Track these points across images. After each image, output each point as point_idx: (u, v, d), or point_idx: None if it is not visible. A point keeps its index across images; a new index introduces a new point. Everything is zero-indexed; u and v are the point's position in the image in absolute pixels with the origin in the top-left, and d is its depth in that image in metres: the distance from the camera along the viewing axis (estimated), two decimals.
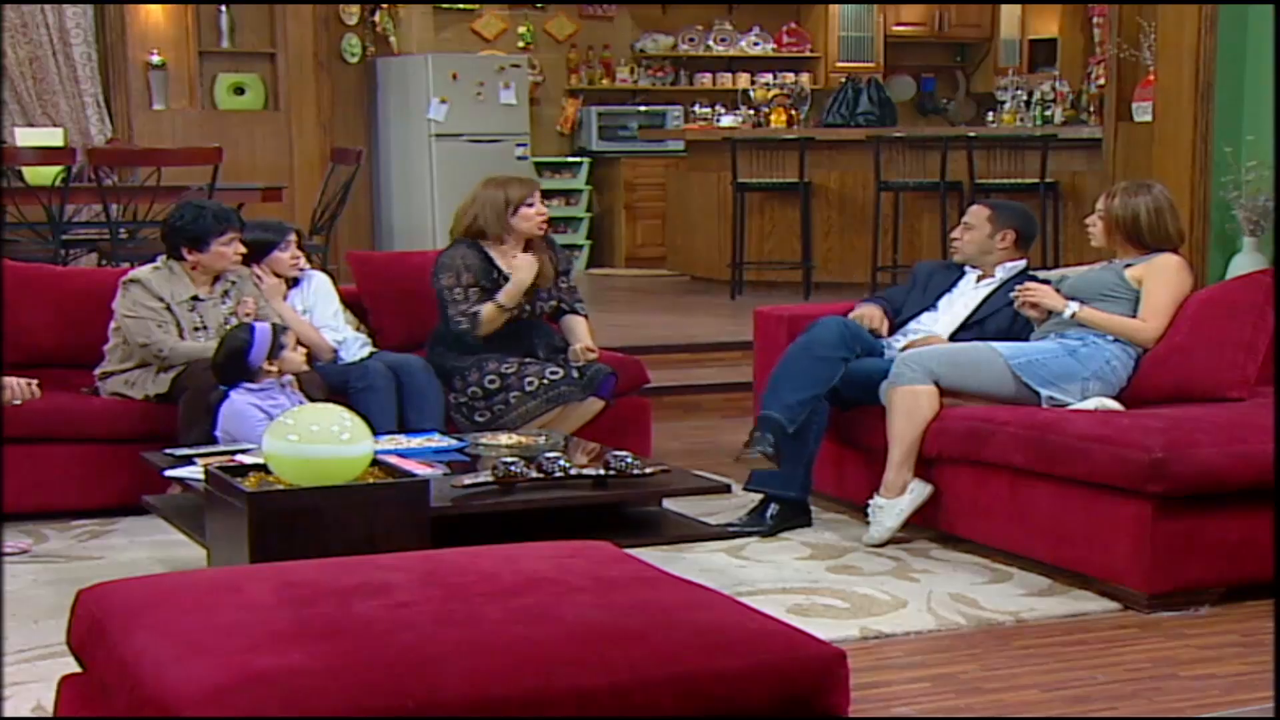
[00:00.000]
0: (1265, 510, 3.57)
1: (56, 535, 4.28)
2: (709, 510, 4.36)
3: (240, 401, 4.15)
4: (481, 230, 4.78)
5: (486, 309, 4.68)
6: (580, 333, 4.85)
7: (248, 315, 4.54)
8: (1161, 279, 4.14)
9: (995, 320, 4.48)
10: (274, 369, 4.23)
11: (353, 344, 4.82)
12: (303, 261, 4.85)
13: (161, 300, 4.47)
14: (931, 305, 4.64)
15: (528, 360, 4.66)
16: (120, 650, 2.12)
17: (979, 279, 4.63)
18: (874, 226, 8.47)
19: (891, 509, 4.09)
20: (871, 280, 8.37)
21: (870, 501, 4.14)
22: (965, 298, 4.60)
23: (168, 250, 4.57)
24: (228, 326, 4.52)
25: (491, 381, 4.59)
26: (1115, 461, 3.55)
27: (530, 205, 4.78)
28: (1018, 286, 4.34)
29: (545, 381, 4.58)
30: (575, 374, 4.64)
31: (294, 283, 4.83)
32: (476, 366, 4.64)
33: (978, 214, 4.67)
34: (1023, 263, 4.64)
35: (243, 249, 4.60)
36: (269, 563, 2.75)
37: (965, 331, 4.50)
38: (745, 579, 3.80)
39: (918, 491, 4.09)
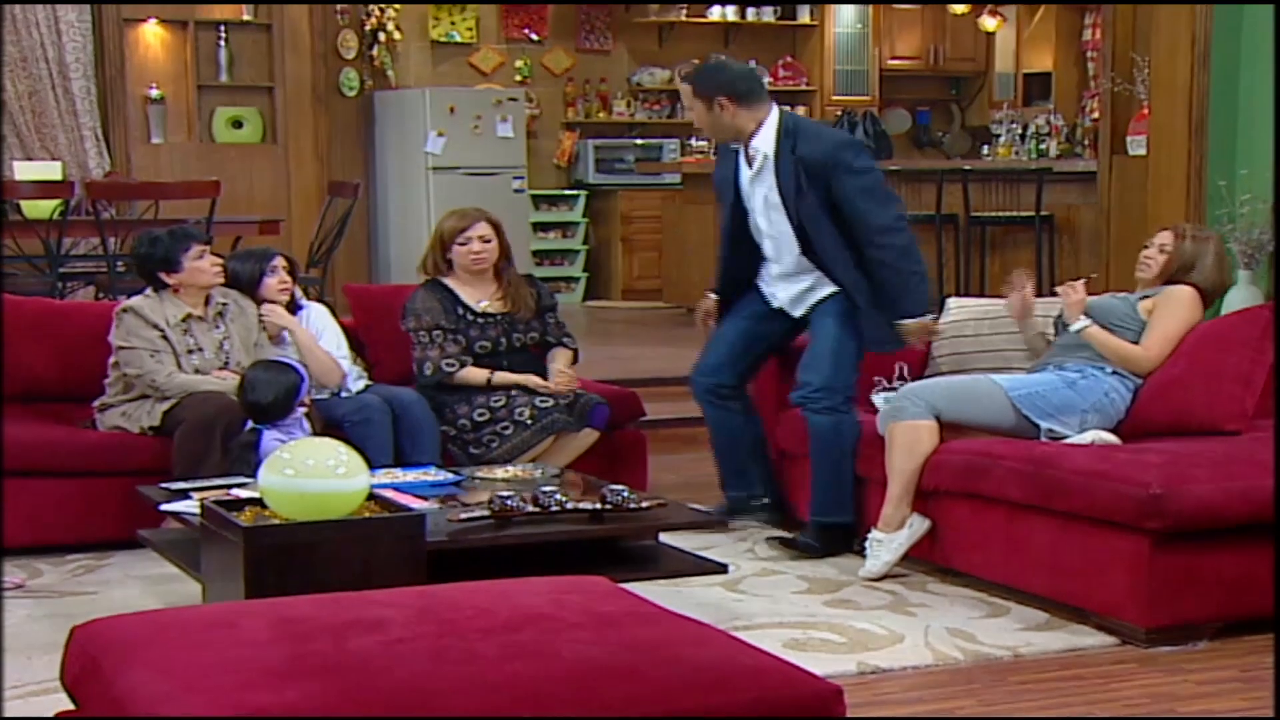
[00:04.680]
0: (1263, 546, 3.56)
1: (51, 570, 4.27)
2: (705, 544, 4.35)
3: (274, 444, 4.14)
4: (436, 267, 4.78)
5: (469, 372, 4.64)
6: (561, 361, 4.80)
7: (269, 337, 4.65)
8: (1171, 309, 4.15)
9: (807, 207, 4.20)
10: (306, 404, 4.26)
11: (350, 375, 4.83)
12: (292, 286, 4.85)
13: (156, 327, 4.48)
14: (743, 230, 4.42)
15: (515, 392, 4.64)
16: (114, 688, 2.12)
17: (746, 158, 4.32)
18: None
19: (890, 543, 4.08)
20: None
21: (868, 535, 4.14)
22: (760, 188, 4.33)
23: (146, 282, 4.61)
24: (225, 351, 4.53)
25: (481, 414, 4.58)
26: (1113, 497, 3.55)
27: (464, 243, 4.70)
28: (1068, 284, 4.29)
29: (536, 410, 4.57)
30: (564, 404, 4.62)
31: (292, 313, 4.84)
32: (465, 400, 4.62)
33: (685, 92, 4.44)
34: (774, 113, 4.29)
35: (219, 261, 4.64)
36: (264, 598, 2.75)
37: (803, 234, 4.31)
38: (742, 613, 3.79)
39: (916, 526, 4.09)
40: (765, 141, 4.31)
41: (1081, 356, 4.18)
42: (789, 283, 4.48)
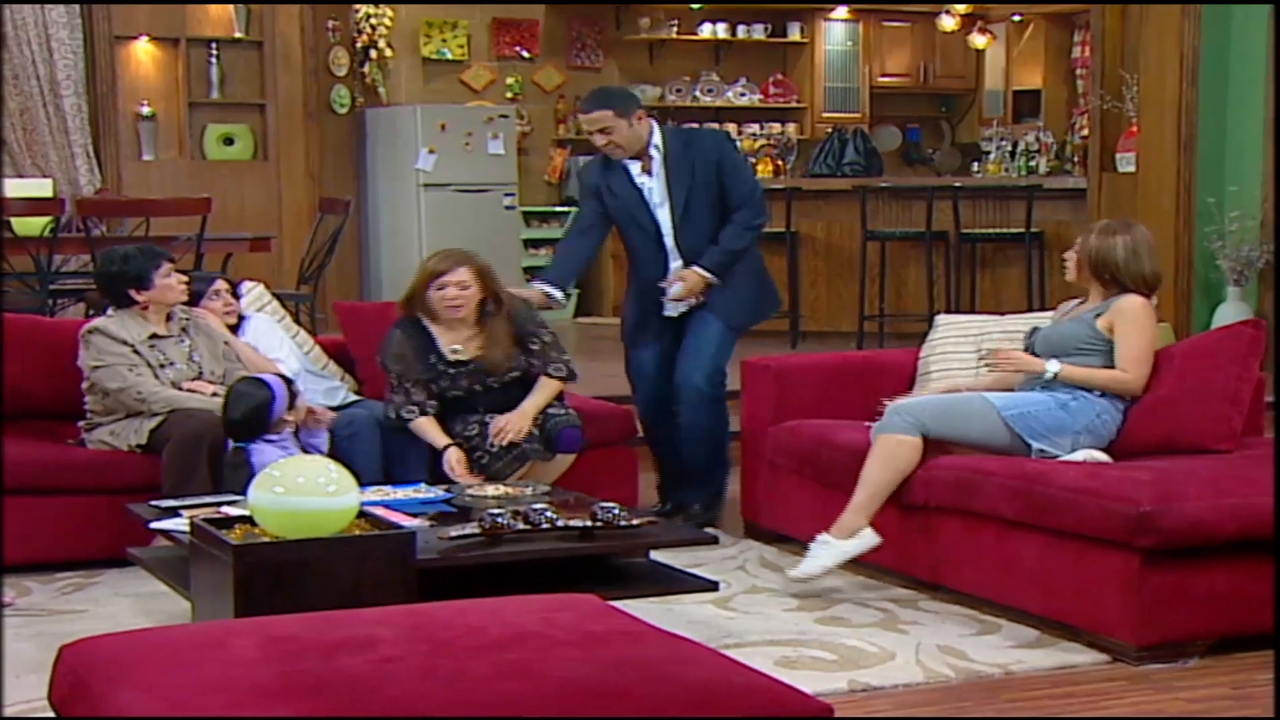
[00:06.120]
0: (1254, 563, 3.57)
1: (39, 588, 4.25)
2: (696, 561, 4.35)
3: (272, 454, 4.14)
4: (418, 304, 4.56)
5: (420, 424, 4.47)
6: (531, 400, 4.55)
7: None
8: (1132, 326, 4.10)
9: (701, 199, 4.82)
10: (291, 419, 4.24)
11: (308, 379, 4.83)
12: (237, 308, 4.90)
13: (126, 344, 4.48)
14: (653, 228, 4.90)
15: (489, 420, 4.52)
16: (103, 708, 2.11)
17: (643, 168, 4.90)
18: (860, 276, 8.51)
19: (835, 548, 4.05)
20: (859, 329, 8.39)
21: (818, 537, 4.12)
22: (658, 187, 4.89)
23: (113, 301, 4.61)
24: (195, 362, 4.54)
25: (458, 444, 4.52)
26: (1103, 514, 3.55)
27: (441, 288, 4.49)
28: (994, 351, 4.32)
29: (506, 441, 4.47)
30: (535, 430, 4.50)
31: (234, 328, 4.88)
32: (443, 427, 4.57)
33: (603, 117, 4.81)
34: (654, 128, 4.87)
35: (185, 279, 4.66)
36: (254, 617, 2.74)
37: (686, 217, 4.86)
38: (733, 630, 3.78)
39: (866, 540, 4.06)
40: (659, 143, 4.92)
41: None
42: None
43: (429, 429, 4.50)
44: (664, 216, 4.91)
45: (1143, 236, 4.18)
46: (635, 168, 4.91)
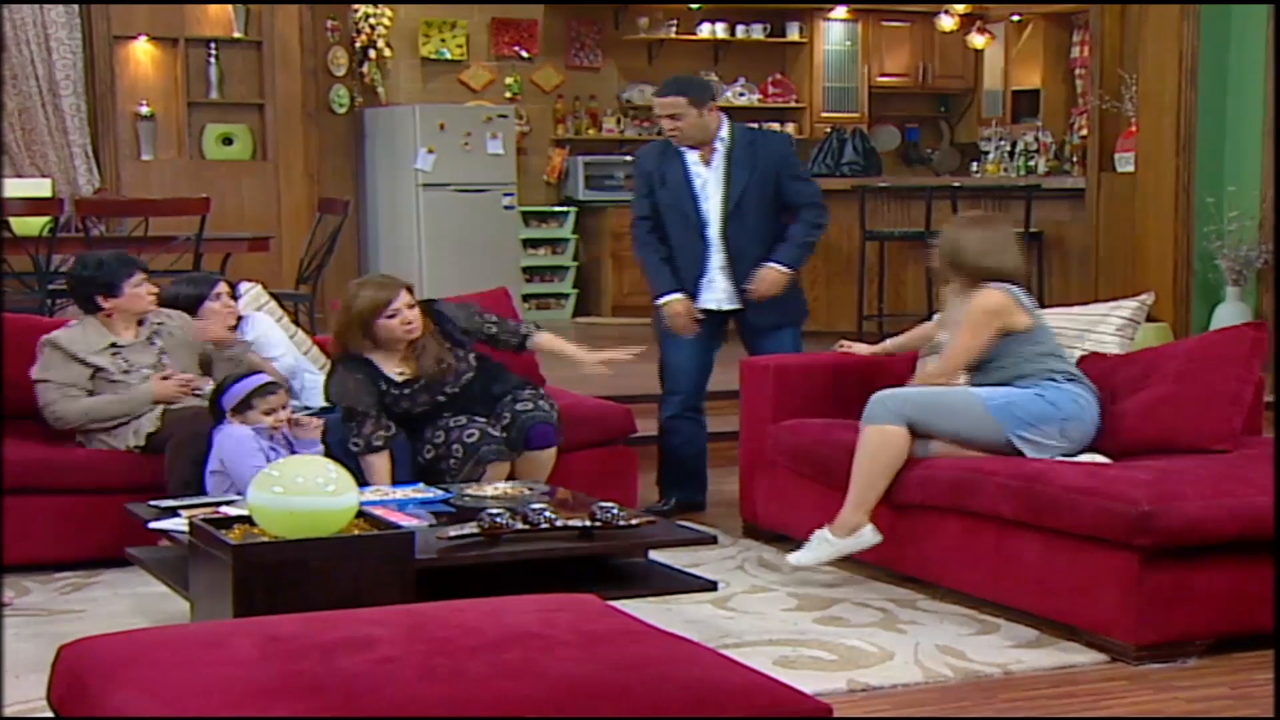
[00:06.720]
0: (1253, 562, 3.57)
1: (38, 588, 4.25)
2: (695, 561, 4.35)
3: (240, 430, 4.16)
4: (359, 343, 4.45)
5: (369, 461, 4.38)
6: (557, 350, 4.76)
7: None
8: (968, 319, 4.10)
9: (755, 196, 4.92)
10: (235, 421, 4.22)
11: (306, 378, 4.84)
12: (237, 309, 4.89)
13: (76, 358, 4.46)
14: (698, 221, 4.98)
15: (454, 426, 4.47)
16: (102, 707, 2.11)
17: (702, 158, 4.98)
18: (859, 276, 8.51)
19: (833, 545, 4.06)
20: (857, 329, 8.39)
21: (817, 531, 4.12)
22: (712, 179, 4.98)
23: (80, 305, 4.60)
24: (165, 365, 4.55)
25: (429, 451, 4.49)
26: (1103, 514, 3.55)
27: (392, 316, 4.39)
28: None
29: (466, 445, 4.42)
30: (497, 431, 4.47)
31: (235, 328, 4.88)
32: (416, 436, 4.52)
33: (675, 103, 4.93)
34: (724, 121, 4.99)
35: (155, 289, 4.65)
36: (253, 617, 2.75)
37: (736, 214, 4.94)
38: (731, 630, 3.78)
39: (866, 538, 4.06)
40: (725, 136, 5.01)
41: (1017, 374, 4.10)
42: (725, 274, 5.04)
43: (378, 466, 4.41)
44: (714, 208, 4.98)
45: (1003, 230, 4.20)
46: (693, 156, 4.99)
